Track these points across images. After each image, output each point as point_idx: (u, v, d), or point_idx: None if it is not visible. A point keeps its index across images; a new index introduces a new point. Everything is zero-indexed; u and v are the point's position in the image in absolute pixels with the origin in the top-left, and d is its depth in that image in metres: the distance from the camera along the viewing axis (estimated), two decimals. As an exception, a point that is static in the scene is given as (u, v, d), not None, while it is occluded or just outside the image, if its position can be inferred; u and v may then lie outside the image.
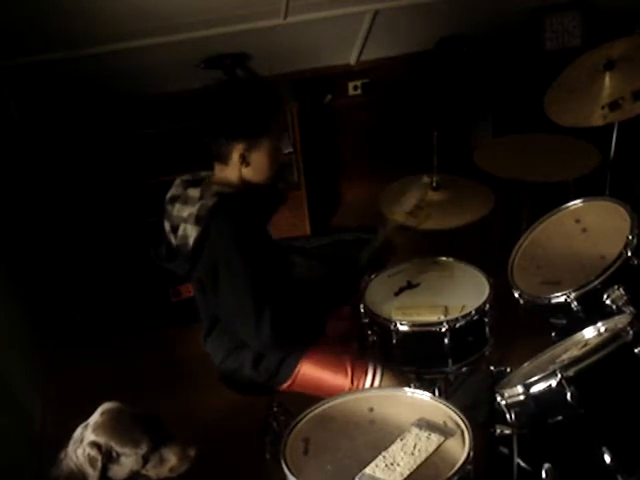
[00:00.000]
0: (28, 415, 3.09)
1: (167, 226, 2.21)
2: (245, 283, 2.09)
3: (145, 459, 1.85)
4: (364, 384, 2.26)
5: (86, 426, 1.91)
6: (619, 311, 2.19)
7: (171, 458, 1.88)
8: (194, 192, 2.17)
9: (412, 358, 2.39)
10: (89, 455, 1.82)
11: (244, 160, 2.15)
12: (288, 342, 2.21)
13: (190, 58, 3.57)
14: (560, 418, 1.93)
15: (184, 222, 2.14)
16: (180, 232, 2.15)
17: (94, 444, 1.83)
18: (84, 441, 1.86)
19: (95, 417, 1.91)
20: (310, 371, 2.30)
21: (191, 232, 2.11)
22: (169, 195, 2.25)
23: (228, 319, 2.24)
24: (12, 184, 3.56)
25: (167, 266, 2.24)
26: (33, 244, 3.65)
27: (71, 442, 1.90)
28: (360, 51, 3.98)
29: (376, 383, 2.27)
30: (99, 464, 1.82)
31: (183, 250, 2.14)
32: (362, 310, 2.47)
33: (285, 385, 2.33)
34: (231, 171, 2.18)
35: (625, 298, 2.20)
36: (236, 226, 2.10)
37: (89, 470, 1.82)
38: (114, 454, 1.83)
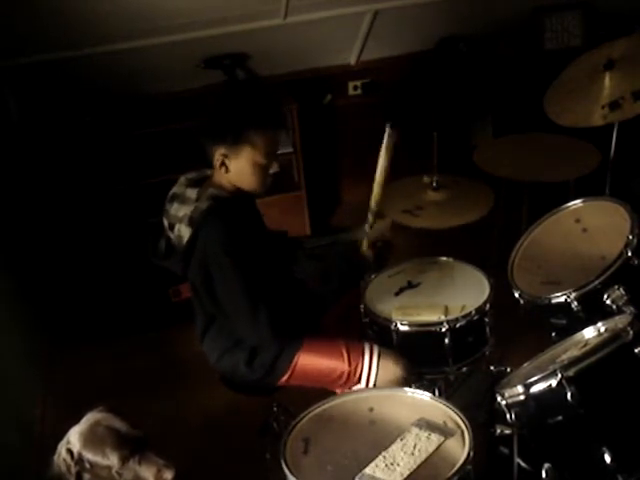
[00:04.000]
0: (28, 415, 3.09)
1: (165, 223, 2.23)
2: (238, 286, 2.11)
3: (119, 474, 1.85)
4: (362, 365, 2.27)
5: (72, 430, 1.92)
6: (619, 311, 2.19)
7: (149, 478, 1.87)
8: (192, 193, 2.19)
9: (412, 358, 2.38)
10: (64, 460, 1.85)
11: (223, 164, 2.16)
12: (287, 336, 2.22)
13: (190, 58, 3.57)
14: (560, 418, 1.93)
15: (179, 222, 2.16)
16: (175, 231, 2.17)
17: (68, 450, 1.86)
18: (65, 445, 1.88)
19: (80, 422, 1.92)
20: (307, 361, 2.29)
21: (184, 233, 2.13)
22: (171, 193, 2.26)
23: (228, 319, 2.25)
24: (12, 184, 3.56)
25: (163, 264, 2.25)
26: (34, 244, 3.65)
27: (60, 444, 1.92)
28: (360, 51, 3.98)
29: (374, 363, 2.27)
30: (73, 470, 1.83)
31: (178, 249, 2.17)
32: (362, 310, 2.47)
33: (283, 379, 2.32)
34: (219, 174, 2.20)
35: (625, 298, 2.20)
36: (226, 231, 2.11)
37: (67, 474, 1.85)
38: (86, 463, 1.84)
